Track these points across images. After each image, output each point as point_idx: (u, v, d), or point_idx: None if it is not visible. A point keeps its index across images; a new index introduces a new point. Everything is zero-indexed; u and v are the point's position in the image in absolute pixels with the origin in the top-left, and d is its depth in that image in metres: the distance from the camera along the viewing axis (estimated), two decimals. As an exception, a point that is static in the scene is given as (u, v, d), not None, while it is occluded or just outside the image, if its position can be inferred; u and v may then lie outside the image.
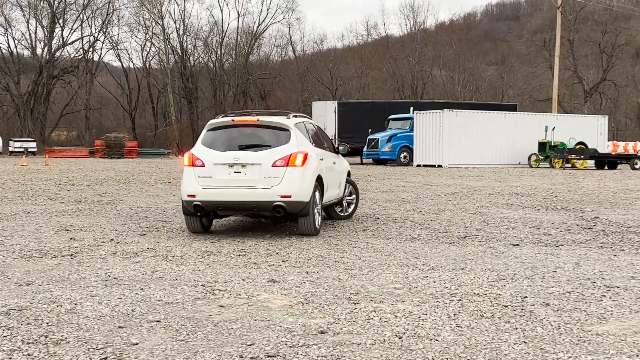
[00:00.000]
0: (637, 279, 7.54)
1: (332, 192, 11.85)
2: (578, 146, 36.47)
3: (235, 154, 10.27)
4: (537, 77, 73.30)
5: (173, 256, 8.78)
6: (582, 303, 6.48)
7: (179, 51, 67.70)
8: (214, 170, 10.29)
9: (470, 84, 74.68)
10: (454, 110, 36.37)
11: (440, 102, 46.08)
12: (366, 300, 6.53)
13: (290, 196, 10.11)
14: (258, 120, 10.64)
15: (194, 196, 10.33)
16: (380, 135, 37.28)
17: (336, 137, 39.43)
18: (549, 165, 35.78)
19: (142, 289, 6.91)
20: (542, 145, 36.32)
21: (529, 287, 7.13)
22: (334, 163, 12.07)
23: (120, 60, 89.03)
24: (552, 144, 36.21)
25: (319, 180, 10.79)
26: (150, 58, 70.95)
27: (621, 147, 59.77)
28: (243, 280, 7.36)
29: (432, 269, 8.08)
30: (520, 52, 77.06)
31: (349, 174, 13.32)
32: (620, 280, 7.47)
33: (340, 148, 12.98)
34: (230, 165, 10.23)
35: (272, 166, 10.15)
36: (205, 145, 10.61)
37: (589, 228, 11.68)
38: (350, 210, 13.03)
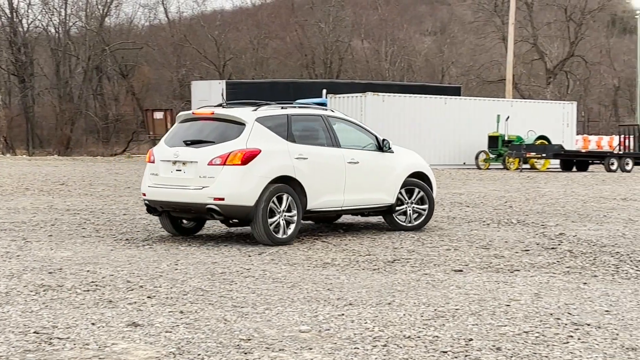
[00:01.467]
0: (613, 314, 7.80)
1: (337, 197, 12.80)
2: (539, 141, 37.53)
3: (176, 151, 12.03)
4: (487, 52, 75.14)
5: (-5, 293, 8.51)
6: (543, 347, 6.63)
7: (7, 11, 65.92)
8: (159, 168, 12.22)
9: (401, 60, 75.84)
10: (380, 93, 36.89)
11: (362, 83, 46.63)
12: (261, 348, 6.49)
13: (223, 199, 11.49)
14: (213, 113, 12.34)
15: (144, 194, 12.46)
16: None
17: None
18: (501, 167, 36.75)
19: (-51, 339, 6.65)
20: (494, 141, 37.22)
21: (475, 326, 7.25)
22: (353, 162, 12.96)
23: None
24: (506, 138, 37.17)
25: (294, 183, 11.99)
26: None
27: (593, 142, 62.10)
28: (93, 324, 7.22)
29: (350, 304, 8.11)
30: (464, 18, 78.87)
31: (423, 177, 14.03)
32: (591, 316, 7.70)
33: (385, 141, 13.65)
34: (173, 163, 12.02)
35: (208, 165, 11.61)
36: (165, 139, 12.55)
37: (553, 248, 12.02)
38: (418, 221, 13.82)
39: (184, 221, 12.94)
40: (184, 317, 7.50)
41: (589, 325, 7.34)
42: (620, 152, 37.21)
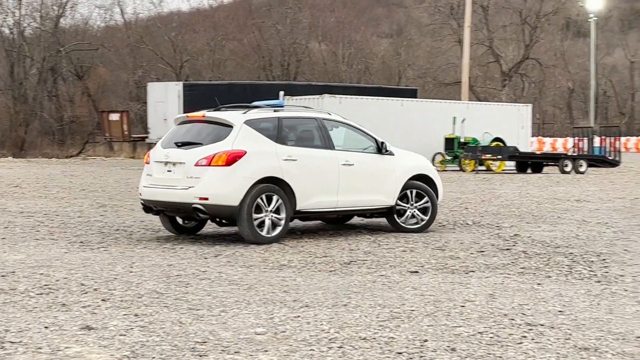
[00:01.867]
0: (567, 314, 7.88)
1: (330, 198, 13.05)
2: (494, 143, 37.88)
3: (168, 152, 12.63)
4: (443, 54, 75.59)
5: (-54, 297, 8.39)
6: (497, 347, 6.69)
7: (-40, 11, 65.05)
8: (153, 168, 12.82)
9: (358, 62, 76.05)
10: (337, 95, 36.95)
11: (319, 85, 46.68)
12: (216, 350, 6.47)
13: (207, 198, 11.96)
14: (204, 116, 12.93)
15: (141, 194, 13.06)
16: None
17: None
18: (457, 168, 36.98)
19: None
20: (450, 142, 37.47)
21: (430, 327, 7.29)
22: (348, 164, 13.23)
23: None
24: (462, 140, 37.44)
25: (281, 184, 12.38)
26: None
27: (548, 144, 62.81)
28: (46, 328, 7.14)
29: (306, 306, 8.11)
30: (421, 21, 79.29)
31: (427, 180, 14.16)
32: (545, 317, 7.77)
33: (384, 143, 13.86)
34: (165, 164, 12.59)
35: (195, 165, 12.13)
36: (161, 141, 13.12)
37: (507, 249, 12.12)
38: (420, 223, 13.94)
39: (186, 221, 13.39)
40: (139, 320, 7.45)
41: (542, 325, 7.41)
42: (574, 154, 37.60)
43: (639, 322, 7.59)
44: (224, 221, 12.68)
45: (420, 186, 14.03)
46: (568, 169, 34.64)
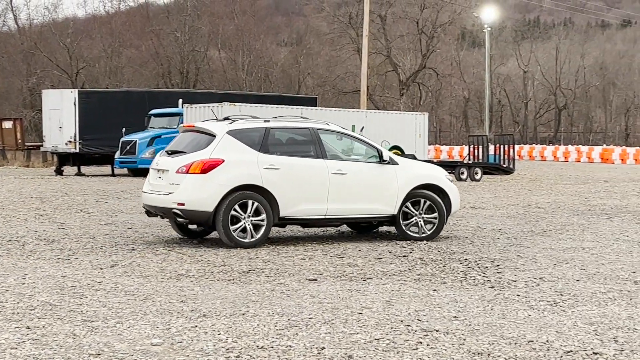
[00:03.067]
0: (461, 320, 8.02)
1: (317, 206, 13.32)
2: (393, 151, 38.28)
3: (159, 160, 13.60)
4: (343, 63, 76.29)
5: None
6: (393, 353, 6.76)
7: None
8: (150, 175, 13.72)
9: (258, 70, 76.10)
10: (237, 103, 36.83)
11: (219, 93, 46.46)
12: (111, 363, 6.37)
13: (184, 204, 12.65)
14: (194, 126, 13.91)
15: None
16: (138, 137, 36.81)
17: (76, 138, 38.37)
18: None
19: None
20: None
21: (327, 334, 7.33)
22: (340, 173, 13.47)
23: None
24: (361, 148, 37.74)
25: (262, 191, 12.83)
26: None
27: (445, 152, 63.87)
28: None
29: (204, 316, 8.07)
30: (320, 30, 79.79)
31: (437, 189, 14.18)
32: (440, 322, 7.90)
33: (383, 152, 14.02)
34: (157, 171, 13.47)
35: (176, 173, 12.87)
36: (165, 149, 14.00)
37: (404, 256, 12.28)
38: (428, 232, 14.03)
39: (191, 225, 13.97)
40: (31, 333, 7.28)
41: (437, 331, 7.52)
42: (470, 162, 38.30)
43: (531, 326, 7.78)
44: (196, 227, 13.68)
45: (426, 195, 14.07)
46: (464, 176, 35.25)
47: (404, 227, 14.01)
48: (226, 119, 13.94)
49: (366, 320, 7.90)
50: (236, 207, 12.69)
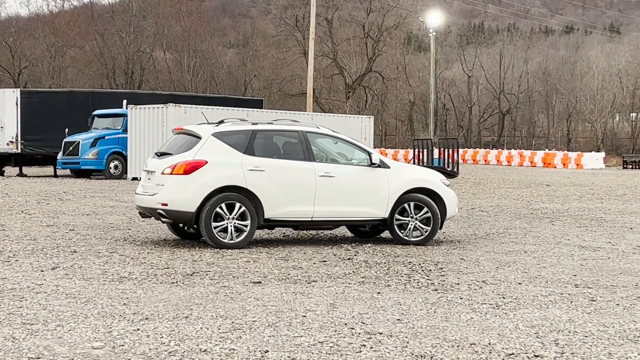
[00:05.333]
0: (404, 322, 8.04)
1: (304, 208, 13.39)
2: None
3: (148, 161, 13.93)
4: (289, 66, 76.30)
5: None
6: (336, 356, 6.76)
7: None
8: (142, 176, 14.06)
9: (204, 71, 75.81)
10: (182, 105, 36.62)
11: (164, 94, 46.15)
12: (51, 367, 6.27)
13: (167, 204, 12.89)
14: (182, 128, 14.17)
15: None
16: (81, 138, 36.44)
17: (18, 138, 37.84)
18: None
19: None
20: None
21: (271, 337, 7.30)
22: (328, 176, 13.52)
23: None
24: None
25: (246, 193, 12.98)
26: None
27: (390, 155, 64.20)
28: None
29: (146, 319, 7.99)
30: (267, 32, 79.72)
31: (431, 193, 14.08)
32: (384, 325, 7.91)
33: (373, 156, 13.95)
34: (147, 172, 13.70)
35: (161, 174, 13.12)
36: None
37: (349, 259, 12.29)
38: (421, 236, 14.00)
39: (185, 226, 14.12)
40: (-31, 337, 7.15)
41: (381, 334, 7.53)
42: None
43: (474, 329, 7.84)
44: (191, 228, 13.81)
45: (419, 198, 14.00)
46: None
47: (397, 231, 13.97)
48: (221, 122, 13.95)
49: (310, 323, 7.89)
50: (223, 207, 12.87)
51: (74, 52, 74.07)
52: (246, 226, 13.02)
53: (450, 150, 38.45)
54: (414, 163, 39.93)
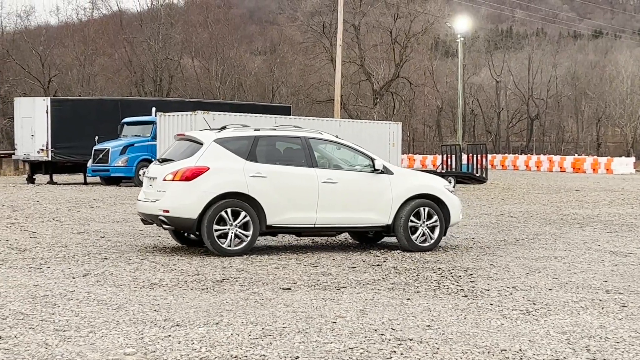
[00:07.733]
0: (435, 328, 8.04)
1: (306, 215, 13.34)
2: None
3: (150, 168, 13.89)
4: (316, 72, 76.32)
5: None
6: (367, 362, 6.77)
7: None
8: (144, 183, 13.99)
9: (231, 79, 75.99)
10: (211, 112, 36.75)
11: (192, 102, 46.34)
12: (84, 373, 6.33)
13: (168, 210, 12.83)
14: (184, 134, 14.14)
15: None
16: (111, 145, 36.67)
17: (48, 146, 38.15)
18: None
19: None
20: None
21: (301, 344, 7.32)
22: (330, 182, 13.46)
23: None
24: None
25: (248, 199, 12.90)
26: None
27: (418, 161, 64.06)
28: None
29: (177, 325, 8.03)
30: (294, 39, 79.82)
31: (436, 200, 14.03)
32: (414, 331, 7.91)
33: (377, 162, 13.96)
34: (149, 179, 13.64)
35: (163, 180, 13.07)
36: None
37: (378, 265, 12.29)
38: (428, 242, 13.95)
39: (187, 233, 14.01)
40: (3, 343, 7.22)
41: (411, 340, 7.54)
42: (443, 171, 38.44)
43: (504, 335, 7.82)
44: (193, 235, 13.64)
45: (425, 204, 13.97)
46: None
47: (403, 237, 13.84)
48: (223, 128, 13.93)
49: (340, 330, 7.90)
50: (228, 213, 12.77)
51: (103, 60, 74.54)
52: (247, 236, 12.91)
53: (479, 155, 38.25)
54: (442, 169, 39.84)
